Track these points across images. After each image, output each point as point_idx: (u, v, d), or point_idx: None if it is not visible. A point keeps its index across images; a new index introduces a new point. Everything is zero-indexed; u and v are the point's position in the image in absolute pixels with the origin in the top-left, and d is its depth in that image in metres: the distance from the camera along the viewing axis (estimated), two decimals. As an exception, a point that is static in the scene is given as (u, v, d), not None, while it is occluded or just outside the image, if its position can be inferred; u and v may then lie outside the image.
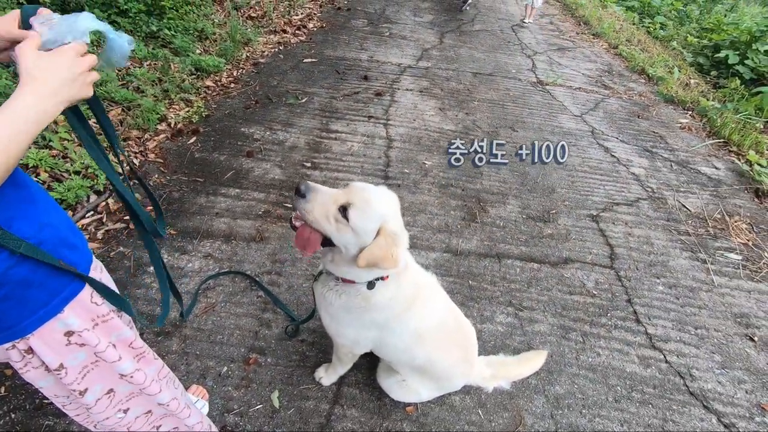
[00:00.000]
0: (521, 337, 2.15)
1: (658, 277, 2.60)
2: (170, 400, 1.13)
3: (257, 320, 2.04)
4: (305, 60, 4.68)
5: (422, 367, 1.55)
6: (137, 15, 3.88)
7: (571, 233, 2.84)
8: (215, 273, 2.21)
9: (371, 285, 1.32)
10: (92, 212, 2.44)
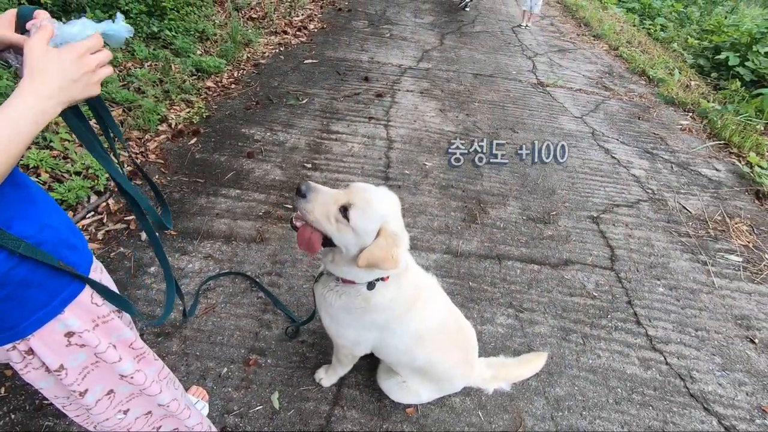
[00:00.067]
0: (521, 339, 2.14)
1: (659, 279, 2.60)
2: (170, 401, 1.13)
3: (257, 321, 2.04)
4: (306, 61, 4.69)
5: (422, 369, 1.55)
6: (138, 16, 3.90)
7: (572, 235, 2.84)
8: (215, 274, 2.21)
9: (371, 286, 1.32)
10: (93, 213, 2.44)
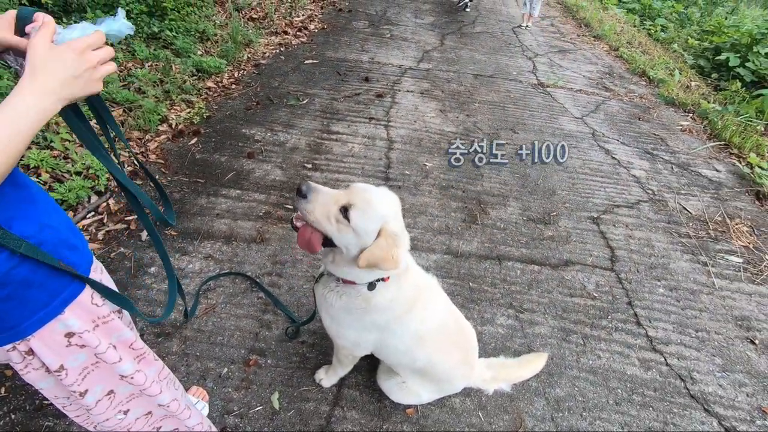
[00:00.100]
0: (522, 340, 2.14)
1: (659, 280, 2.60)
2: (170, 401, 1.13)
3: (257, 321, 2.04)
4: (306, 61, 4.69)
5: (423, 369, 1.55)
6: (139, 16, 3.90)
7: (572, 235, 2.84)
8: (216, 274, 2.21)
9: (372, 286, 1.32)
10: (93, 213, 2.44)
